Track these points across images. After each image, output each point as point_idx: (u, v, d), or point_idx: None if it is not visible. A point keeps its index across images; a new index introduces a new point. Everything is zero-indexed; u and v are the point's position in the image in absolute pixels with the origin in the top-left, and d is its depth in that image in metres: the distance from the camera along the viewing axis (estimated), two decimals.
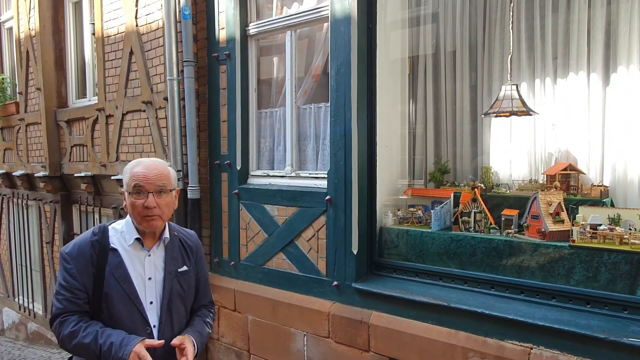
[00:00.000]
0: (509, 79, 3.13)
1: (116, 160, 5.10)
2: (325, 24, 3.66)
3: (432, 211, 3.34)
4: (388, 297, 3.19)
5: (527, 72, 3.41)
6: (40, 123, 6.09)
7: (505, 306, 2.80)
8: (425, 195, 3.64)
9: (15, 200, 7.26)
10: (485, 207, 3.13)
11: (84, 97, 5.93)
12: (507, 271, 2.95)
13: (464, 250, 3.11)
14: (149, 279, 1.91)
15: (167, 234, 1.99)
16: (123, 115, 4.94)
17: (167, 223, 2.02)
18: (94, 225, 5.73)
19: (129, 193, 1.87)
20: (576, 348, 2.50)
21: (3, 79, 6.94)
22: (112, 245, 1.90)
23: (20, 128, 6.66)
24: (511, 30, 3.22)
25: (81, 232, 4.88)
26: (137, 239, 1.92)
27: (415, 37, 3.87)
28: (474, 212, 3.15)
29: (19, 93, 6.64)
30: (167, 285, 1.93)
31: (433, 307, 2.99)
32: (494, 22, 3.56)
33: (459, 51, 3.75)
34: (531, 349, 2.64)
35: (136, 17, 4.65)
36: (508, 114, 3.05)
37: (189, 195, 4.22)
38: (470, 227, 3.17)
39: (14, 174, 6.77)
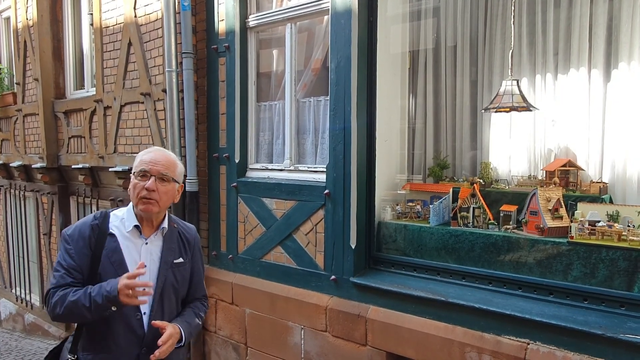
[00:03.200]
0: (509, 74, 3.12)
1: (114, 152, 5.08)
2: (326, 17, 3.64)
3: (430, 206, 3.34)
4: (386, 292, 3.19)
5: (528, 68, 3.40)
6: (38, 114, 6.05)
7: (502, 302, 2.80)
8: (424, 190, 3.63)
9: (12, 191, 7.24)
10: (484, 203, 3.13)
11: (82, 88, 5.89)
12: (505, 267, 2.95)
13: (463, 245, 3.11)
14: (144, 267, 1.92)
15: (165, 224, 2.03)
16: (121, 106, 4.91)
17: (167, 214, 2.06)
18: None
19: (134, 175, 1.94)
20: (573, 344, 2.51)
21: (0, 69, 6.89)
22: (111, 230, 1.95)
23: (17, 119, 6.62)
24: (512, 25, 3.20)
25: None
26: (135, 226, 1.96)
27: (416, 31, 3.85)
28: (473, 207, 3.15)
29: (16, 83, 6.60)
30: (161, 274, 1.97)
31: (431, 302, 3.00)
32: (495, 16, 3.54)
33: (459, 46, 3.73)
34: (528, 344, 2.65)
35: (135, 8, 4.61)
36: (508, 109, 3.04)
37: (187, 188, 4.21)
38: (469, 223, 3.16)
39: (11, 165, 6.74)
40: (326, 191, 3.45)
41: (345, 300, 3.42)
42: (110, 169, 5.01)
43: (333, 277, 3.46)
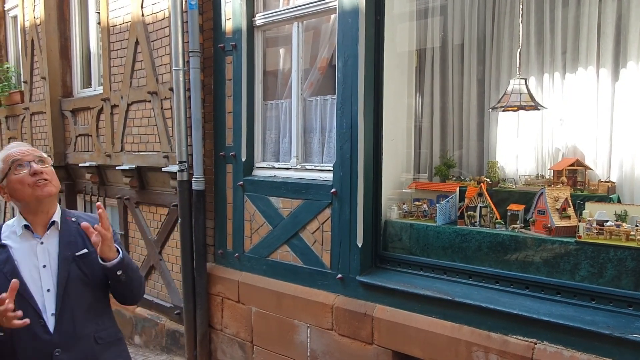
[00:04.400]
0: (517, 73, 3.11)
1: (121, 150, 5.10)
2: (333, 16, 3.63)
3: (437, 205, 3.33)
4: (392, 291, 3.20)
5: (536, 67, 3.39)
6: (45, 112, 6.09)
7: (509, 301, 2.80)
8: (430, 189, 3.63)
9: None
10: (491, 202, 3.12)
11: (89, 87, 5.92)
12: (512, 266, 2.94)
13: (469, 244, 3.11)
14: (44, 266, 1.86)
15: (56, 218, 1.92)
16: (128, 105, 4.94)
17: (59, 208, 1.96)
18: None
19: (10, 172, 1.82)
20: (580, 344, 2.50)
21: (8, 67, 6.93)
22: (2, 242, 1.85)
23: (25, 117, 6.66)
24: (520, 24, 3.19)
25: None
26: (25, 226, 1.86)
27: (423, 30, 3.85)
28: (480, 206, 3.14)
29: (23, 82, 6.63)
30: (62, 271, 1.86)
31: (437, 301, 3.00)
32: (503, 15, 3.53)
33: (467, 44, 3.72)
34: (535, 344, 2.64)
35: (142, 7, 4.63)
36: (516, 108, 3.04)
37: (194, 187, 4.22)
38: (476, 222, 3.16)
39: None
40: (333, 190, 3.45)
41: (352, 299, 3.42)
42: (117, 167, 5.03)
43: (339, 275, 3.46)
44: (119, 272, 1.87)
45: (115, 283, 1.94)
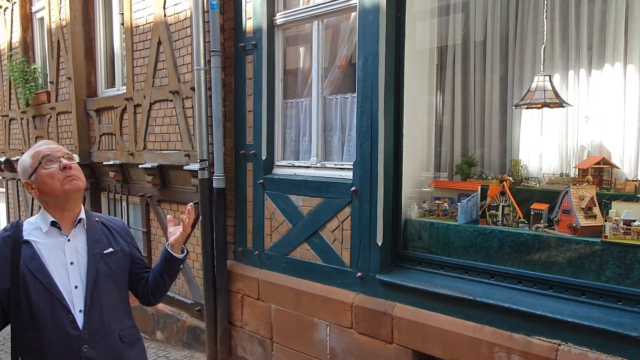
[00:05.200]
0: (541, 69, 3.05)
1: (144, 149, 5.18)
2: (353, 14, 3.63)
3: (458, 204, 3.30)
4: (412, 290, 3.18)
5: (561, 63, 3.32)
6: (71, 112, 6.22)
7: (533, 301, 2.76)
8: (451, 187, 3.60)
9: None
10: (514, 201, 3.08)
11: (112, 87, 6.02)
12: (535, 266, 2.90)
13: (491, 244, 3.07)
14: (71, 263, 1.88)
15: (82, 215, 1.95)
16: (151, 104, 5.01)
17: (82, 208, 1.98)
18: (121, 212, 5.86)
19: (39, 167, 1.84)
20: (606, 345, 2.45)
21: (35, 68, 7.10)
22: (25, 238, 1.86)
23: (51, 117, 6.82)
24: (545, 20, 3.13)
25: None
26: (53, 222, 1.88)
27: (444, 27, 3.81)
28: (502, 205, 3.10)
29: (50, 82, 6.78)
30: (91, 267, 1.89)
31: (458, 301, 2.97)
32: (527, 11, 3.47)
33: (489, 41, 3.67)
34: (559, 345, 2.60)
35: (164, 7, 4.69)
36: (540, 105, 2.98)
37: (215, 185, 4.27)
38: (498, 221, 3.12)
39: None
40: (353, 188, 3.45)
41: (371, 297, 3.41)
42: (139, 166, 5.11)
43: (359, 274, 3.46)
44: (180, 266, 2.00)
45: (162, 280, 2.05)
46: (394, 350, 3.26)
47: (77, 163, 1.94)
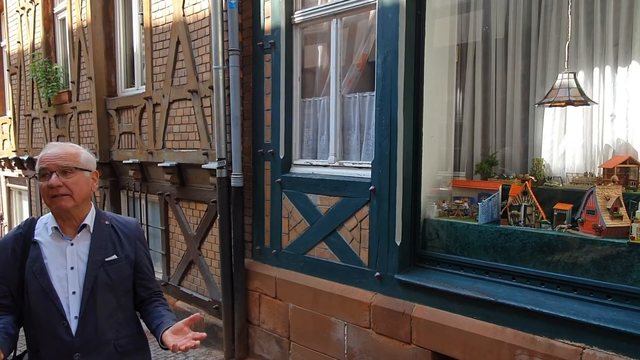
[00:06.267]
0: (565, 66, 2.98)
1: (162, 147, 5.23)
2: (372, 11, 3.60)
3: (479, 204, 3.25)
4: (432, 290, 3.14)
5: (585, 60, 3.24)
6: (91, 111, 6.31)
7: (556, 304, 2.70)
8: (471, 187, 3.54)
9: None
10: (536, 201, 3.02)
11: (132, 86, 6.10)
12: (558, 268, 2.84)
13: (513, 244, 3.01)
14: (71, 268, 1.86)
15: (88, 221, 1.91)
16: (169, 103, 5.05)
17: (96, 210, 1.96)
18: (140, 210, 5.93)
19: (37, 178, 1.85)
20: (633, 350, 2.39)
21: (57, 68, 7.22)
22: (35, 238, 1.86)
23: (72, 116, 6.93)
24: (569, 15, 3.06)
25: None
26: (55, 227, 1.87)
27: (465, 24, 3.75)
28: (525, 205, 3.04)
29: (71, 82, 6.90)
30: (89, 275, 1.86)
31: (479, 302, 2.93)
32: (550, 7, 3.39)
33: (510, 38, 3.60)
34: (583, 348, 2.54)
35: (183, 7, 4.73)
36: (564, 103, 2.91)
37: (232, 183, 4.28)
38: (520, 221, 3.06)
39: None
40: (371, 187, 3.42)
41: (390, 297, 3.39)
42: (158, 164, 5.16)
43: (377, 273, 3.43)
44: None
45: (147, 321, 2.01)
46: (413, 351, 3.22)
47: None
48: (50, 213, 1.91)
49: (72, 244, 1.88)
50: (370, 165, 3.48)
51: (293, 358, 4.08)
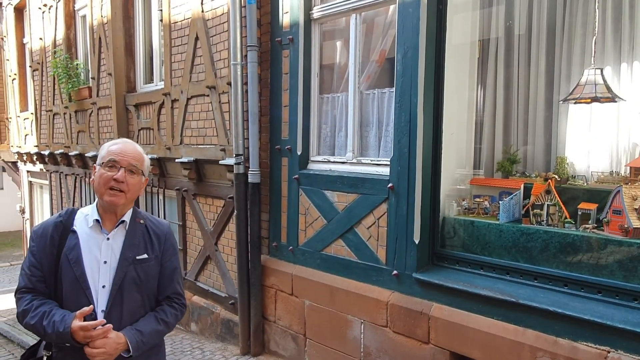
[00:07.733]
0: (592, 62, 2.90)
1: (180, 143, 5.26)
2: (392, 6, 3.55)
3: (500, 202, 3.19)
4: (450, 289, 3.10)
5: (613, 56, 3.15)
6: (111, 107, 6.38)
7: (579, 306, 2.63)
8: (492, 185, 3.48)
9: (87, 180, 7.70)
10: (560, 200, 2.94)
11: (151, 82, 6.14)
12: (582, 269, 2.76)
13: (535, 244, 2.95)
14: (104, 262, 1.90)
15: (126, 218, 1.97)
16: (188, 99, 5.07)
17: (133, 209, 2.01)
18: (158, 205, 5.97)
19: (101, 166, 1.89)
20: None
21: (77, 64, 7.31)
22: (73, 227, 1.92)
23: (92, 111, 7.02)
24: (596, 10, 2.98)
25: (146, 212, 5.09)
26: (96, 220, 1.92)
27: (487, 19, 3.68)
28: (548, 204, 2.97)
29: (91, 78, 6.98)
30: (120, 270, 1.91)
31: (499, 302, 2.87)
32: (576, 1, 3.31)
33: (534, 33, 3.52)
34: (608, 352, 2.47)
35: (202, 3, 4.73)
36: (590, 100, 2.84)
37: (250, 179, 4.28)
38: (543, 221, 2.99)
39: (86, 155, 7.17)
40: (390, 185, 3.39)
41: (407, 296, 3.35)
42: (176, 160, 5.19)
43: (395, 272, 3.40)
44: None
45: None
46: (431, 351, 3.18)
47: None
48: (91, 206, 1.99)
49: (108, 239, 1.93)
50: (388, 163, 3.44)
51: (309, 355, 4.07)
